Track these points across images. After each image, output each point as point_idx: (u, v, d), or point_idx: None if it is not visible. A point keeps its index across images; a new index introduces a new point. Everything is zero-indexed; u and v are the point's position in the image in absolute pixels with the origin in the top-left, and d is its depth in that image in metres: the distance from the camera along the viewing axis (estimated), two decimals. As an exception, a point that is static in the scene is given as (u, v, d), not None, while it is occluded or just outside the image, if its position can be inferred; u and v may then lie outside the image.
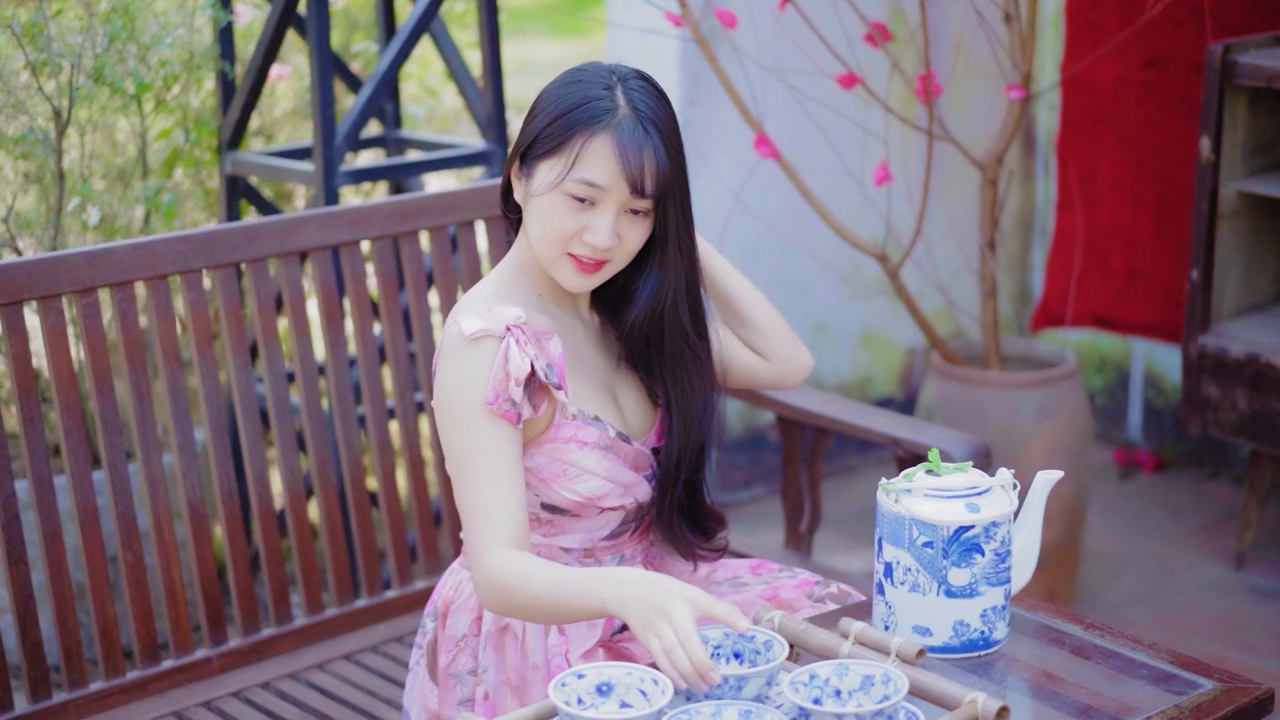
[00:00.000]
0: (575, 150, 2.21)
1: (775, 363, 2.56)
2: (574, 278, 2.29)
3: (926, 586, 2.15)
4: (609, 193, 2.22)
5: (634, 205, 2.25)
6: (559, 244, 2.26)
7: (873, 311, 4.70)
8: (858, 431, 3.09)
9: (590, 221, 2.24)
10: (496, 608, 2.22)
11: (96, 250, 2.68)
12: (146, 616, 2.73)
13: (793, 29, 3.91)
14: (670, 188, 2.25)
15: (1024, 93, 3.53)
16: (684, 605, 1.98)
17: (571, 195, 2.23)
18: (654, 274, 2.33)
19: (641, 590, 2.02)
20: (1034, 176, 4.98)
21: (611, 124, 2.21)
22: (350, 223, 2.95)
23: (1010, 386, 3.71)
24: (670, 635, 1.96)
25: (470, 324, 2.25)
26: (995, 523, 2.15)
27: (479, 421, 2.24)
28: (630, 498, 2.40)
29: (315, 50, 3.44)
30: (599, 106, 2.22)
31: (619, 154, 2.20)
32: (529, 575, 2.16)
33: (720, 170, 4.25)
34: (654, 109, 2.25)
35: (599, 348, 2.43)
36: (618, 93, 2.24)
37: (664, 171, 2.23)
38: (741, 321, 2.55)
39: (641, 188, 2.22)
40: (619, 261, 2.29)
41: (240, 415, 2.83)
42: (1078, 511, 3.80)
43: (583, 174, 2.21)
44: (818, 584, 2.49)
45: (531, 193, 2.28)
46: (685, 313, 2.37)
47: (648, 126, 2.22)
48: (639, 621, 2.00)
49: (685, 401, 2.40)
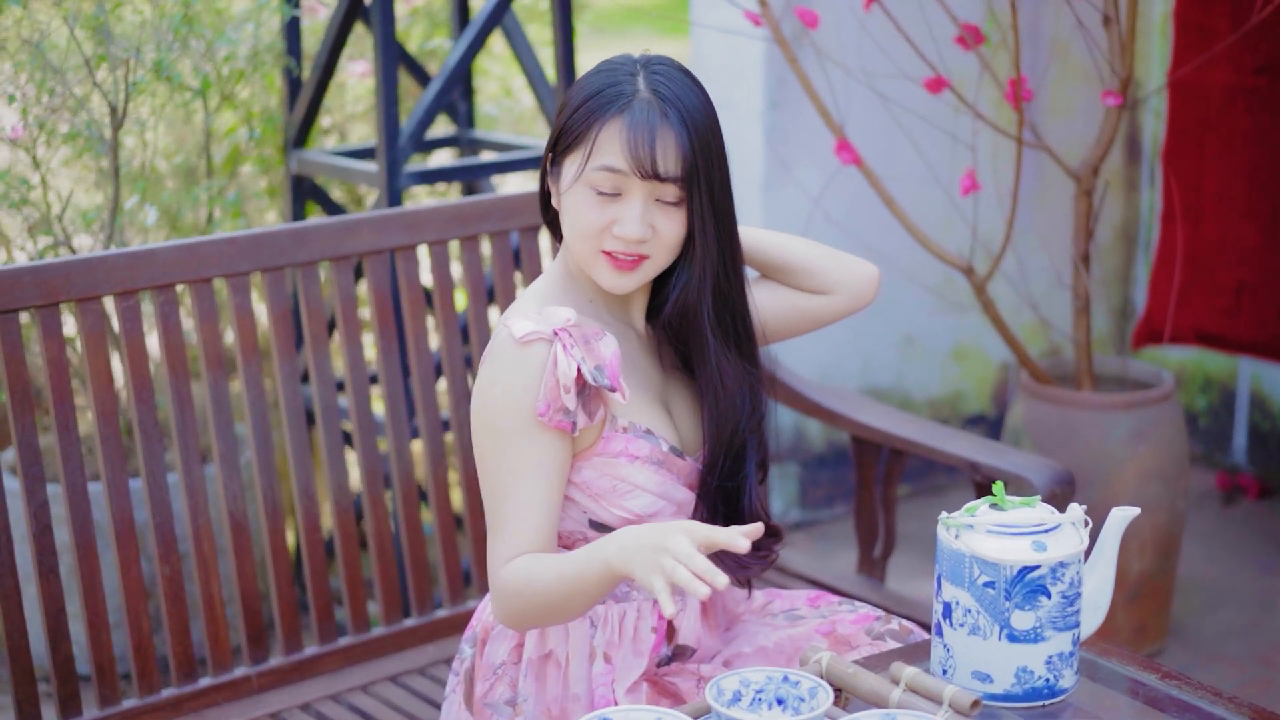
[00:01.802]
0: (593, 138, 2.12)
1: (840, 292, 2.40)
2: (611, 276, 2.16)
3: (988, 629, 2.00)
4: (630, 179, 2.11)
5: (661, 194, 2.13)
6: (592, 241, 2.15)
7: (964, 325, 4.53)
8: (934, 454, 2.94)
9: (618, 213, 2.13)
10: (514, 619, 2.14)
11: (139, 251, 2.59)
12: (183, 632, 2.64)
13: (879, 30, 3.76)
14: (696, 172, 2.12)
15: (1121, 100, 3.34)
16: (680, 536, 1.95)
17: (595, 188, 2.13)
18: (686, 266, 2.20)
19: (640, 537, 1.99)
20: (1138, 186, 4.79)
21: (627, 108, 2.11)
22: (406, 226, 2.85)
23: (1102, 408, 3.53)
24: (670, 561, 1.92)
25: (521, 326, 2.13)
26: (1063, 563, 1.99)
27: (524, 436, 2.12)
28: (683, 516, 2.27)
29: (379, 43, 3.32)
30: (617, 91, 2.12)
31: (632, 138, 2.09)
32: (536, 570, 2.09)
33: (804, 175, 4.10)
34: (676, 92, 2.13)
35: (652, 357, 2.30)
36: (640, 78, 2.14)
37: (685, 154, 2.11)
38: (785, 271, 2.40)
39: (655, 171, 2.10)
40: (659, 258, 2.17)
41: (286, 424, 2.73)
42: (1172, 541, 3.61)
43: (600, 161, 2.11)
44: (878, 619, 2.34)
45: (561, 190, 2.18)
46: (718, 305, 2.23)
47: (666, 109, 2.11)
48: (642, 567, 1.96)
49: (717, 399, 2.25)
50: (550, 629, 2.27)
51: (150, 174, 3.48)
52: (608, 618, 2.28)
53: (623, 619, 2.28)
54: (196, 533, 2.64)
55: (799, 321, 2.42)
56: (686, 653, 2.34)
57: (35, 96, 3.19)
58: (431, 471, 2.88)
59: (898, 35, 3.56)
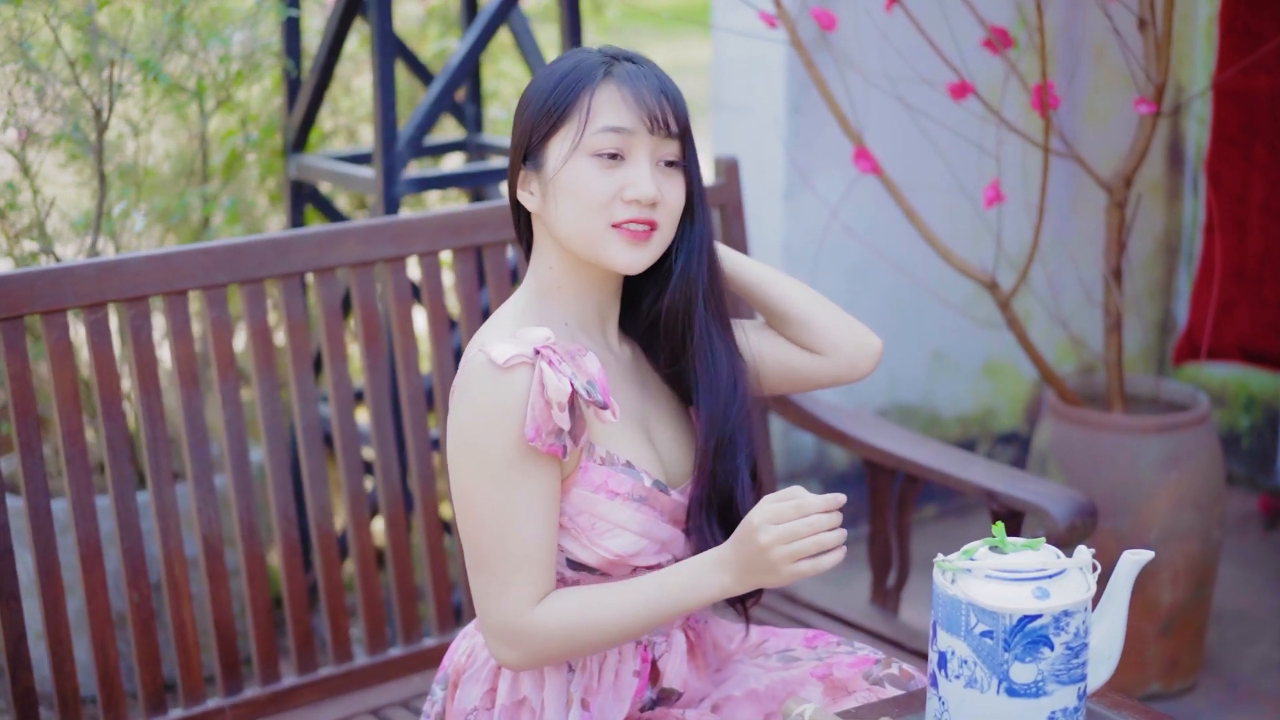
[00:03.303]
0: (585, 106, 2.03)
1: (834, 356, 2.26)
2: (627, 252, 2.04)
3: (985, 682, 1.85)
4: (635, 136, 2.03)
5: (663, 153, 2.05)
6: (600, 214, 2.02)
7: (997, 339, 4.36)
8: (949, 481, 2.80)
9: (626, 176, 2.03)
10: (535, 660, 2.05)
11: (105, 262, 2.47)
12: (153, 661, 2.51)
13: (901, 33, 3.60)
14: (689, 130, 2.07)
15: (1155, 107, 3.17)
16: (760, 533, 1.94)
17: (597, 153, 2.02)
18: (689, 238, 2.11)
19: (741, 550, 1.96)
20: (1181, 195, 4.61)
21: (615, 71, 2.04)
22: (395, 237, 2.72)
23: (1133, 431, 3.35)
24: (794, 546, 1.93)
25: (501, 350, 1.99)
26: (1067, 611, 1.83)
27: (514, 467, 1.99)
28: (668, 554, 2.13)
29: (376, 39, 3.17)
30: (589, 65, 2.06)
31: (633, 93, 2.03)
32: (585, 608, 2.02)
33: (827, 183, 3.95)
34: (642, 60, 2.09)
35: (631, 382, 2.16)
36: (603, 55, 2.08)
37: (681, 109, 2.06)
38: (782, 319, 2.26)
39: (666, 124, 2.03)
40: (665, 228, 2.06)
41: (266, 445, 2.61)
42: (1206, 571, 3.43)
43: (602, 122, 2.02)
44: (877, 663, 2.19)
45: (549, 177, 2.05)
46: (712, 280, 2.15)
47: (646, 71, 2.06)
48: (770, 574, 1.95)
49: (713, 387, 2.14)
50: (526, 674, 2.13)
51: (145, 178, 3.35)
52: (586, 662, 2.14)
53: (602, 662, 2.14)
54: (168, 557, 2.52)
55: (784, 378, 2.29)
56: (672, 696, 2.20)
57: (20, 97, 3.08)
58: (420, 494, 2.75)
59: (920, 39, 3.40)
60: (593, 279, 2.10)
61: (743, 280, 2.27)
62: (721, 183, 3.05)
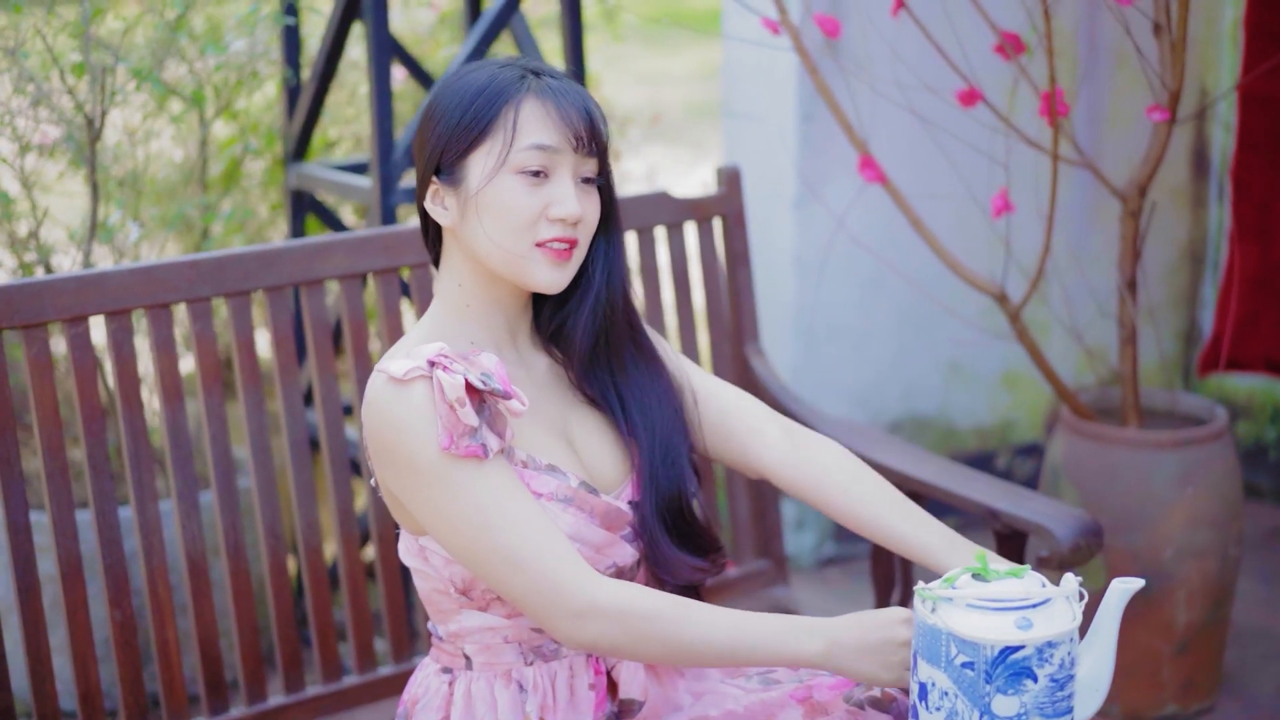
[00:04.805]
0: (510, 120, 1.99)
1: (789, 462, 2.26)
2: (551, 270, 2.02)
3: (967, 715, 1.79)
4: (560, 155, 2.01)
5: (583, 170, 2.04)
6: (525, 233, 2.00)
7: (1016, 350, 4.28)
8: (951, 499, 2.72)
9: (551, 194, 2.01)
10: (633, 637, 1.95)
11: (87, 275, 2.43)
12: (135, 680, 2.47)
13: (908, 40, 3.53)
14: (607, 148, 2.08)
15: (1169, 115, 3.10)
16: (905, 627, 1.91)
17: (523, 170, 1.99)
18: (606, 252, 2.11)
19: (867, 637, 1.93)
20: (1206, 203, 4.52)
21: (535, 87, 2.02)
22: (385, 248, 2.67)
23: (1147, 446, 3.27)
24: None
25: (398, 365, 1.96)
26: (1051, 642, 1.77)
27: (460, 470, 1.94)
28: (608, 561, 2.09)
29: (372, 43, 3.09)
30: (506, 78, 2.02)
31: (559, 110, 2.01)
32: (683, 602, 1.95)
33: (839, 191, 3.88)
34: (561, 73, 2.07)
35: (549, 391, 2.14)
36: (518, 67, 2.05)
37: (602, 124, 2.05)
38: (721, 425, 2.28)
39: (589, 143, 2.03)
40: (584, 244, 2.06)
41: (252, 460, 2.57)
42: (1224, 590, 3.34)
43: (527, 140, 1.99)
44: (859, 686, 2.12)
45: (470, 193, 2.01)
46: (628, 297, 2.16)
47: (566, 87, 2.04)
48: (885, 669, 1.92)
49: (640, 398, 2.15)
50: (478, 697, 2.08)
51: (144, 187, 3.32)
52: (537, 681, 2.09)
53: (554, 680, 2.10)
54: (150, 573, 2.48)
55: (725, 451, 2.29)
56: (634, 707, 2.15)
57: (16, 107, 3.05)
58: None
59: (928, 45, 3.33)
60: (501, 295, 2.08)
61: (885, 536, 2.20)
62: (723, 192, 2.99)
